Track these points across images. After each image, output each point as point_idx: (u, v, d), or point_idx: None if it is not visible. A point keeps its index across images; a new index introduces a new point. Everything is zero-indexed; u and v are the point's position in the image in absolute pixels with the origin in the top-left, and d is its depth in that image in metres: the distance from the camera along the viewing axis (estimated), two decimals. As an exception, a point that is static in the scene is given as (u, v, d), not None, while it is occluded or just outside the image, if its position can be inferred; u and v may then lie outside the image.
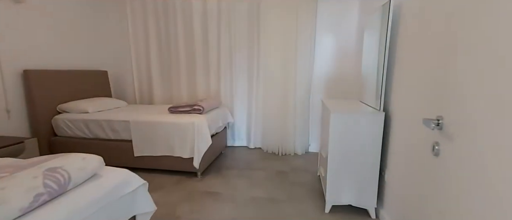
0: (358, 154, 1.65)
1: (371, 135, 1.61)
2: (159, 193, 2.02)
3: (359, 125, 1.61)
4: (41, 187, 0.81)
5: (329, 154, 1.68)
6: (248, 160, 2.80)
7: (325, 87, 2.98)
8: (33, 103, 2.34)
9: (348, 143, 1.64)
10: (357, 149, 1.65)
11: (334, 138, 1.65)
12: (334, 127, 1.64)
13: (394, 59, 1.57)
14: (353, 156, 1.66)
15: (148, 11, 3.13)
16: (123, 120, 2.33)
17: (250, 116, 3.22)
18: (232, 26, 3.02)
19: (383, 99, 1.59)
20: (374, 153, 1.63)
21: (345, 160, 1.67)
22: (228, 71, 3.16)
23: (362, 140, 1.63)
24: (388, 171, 1.62)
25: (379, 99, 1.60)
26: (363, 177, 1.68)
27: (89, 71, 2.96)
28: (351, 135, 1.63)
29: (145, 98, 3.41)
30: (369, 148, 1.63)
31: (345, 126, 1.63)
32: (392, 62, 1.60)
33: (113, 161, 2.39)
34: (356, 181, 1.69)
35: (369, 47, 1.93)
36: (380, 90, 1.59)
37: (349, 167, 1.68)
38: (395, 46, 1.56)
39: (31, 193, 0.77)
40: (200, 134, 2.23)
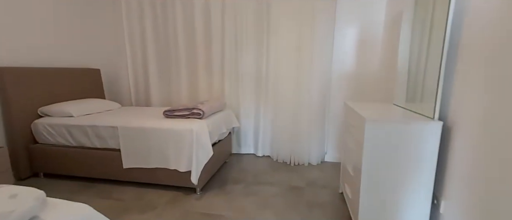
0: (403, 175, 1.26)
1: (421, 151, 1.22)
2: (150, 215, 1.67)
3: (405, 138, 1.22)
4: None
5: (363, 172, 1.29)
6: (256, 172, 2.42)
7: (345, 87, 2.57)
8: (8, 105, 2.03)
9: (388, 159, 1.25)
10: (401, 168, 1.25)
11: (369, 152, 1.26)
12: (370, 139, 1.25)
13: (457, 51, 1.17)
14: (395, 177, 1.27)
15: (145, 6, 2.80)
16: (110, 126, 1.99)
17: (258, 120, 2.85)
18: (238, 20, 2.66)
19: (438, 103, 1.19)
20: (425, 175, 1.24)
21: (383, 181, 1.28)
22: (233, 69, 2.79)
23: (408, 156, 1.23)
24: (445, 200, 1.22)
25: (434, 103, 1.20)
26: (408, 204, 1.28)
27: (78, 69, 2.64)
28: (393, 150, 1.24)
29: (142, 100, 3.08)
30: (419, 168, 1.23)
31: (385, 137, 1.23)
32: (453, 55, 1.19)
33: (98, 174, 2.06)
34: (398, 208, 1.30)
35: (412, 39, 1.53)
36: (435, 92, 1.19)
37: (389, 190, 1.29)
38: (460, 33, 1.16)
39: None
40: (200, 143, 1.87)
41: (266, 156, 2.87)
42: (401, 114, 1.41)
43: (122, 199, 1.86)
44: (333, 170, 2.47)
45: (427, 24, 1.36)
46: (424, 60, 1.39)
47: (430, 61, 1.29)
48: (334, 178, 2.29)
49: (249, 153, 2.95)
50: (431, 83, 1.25)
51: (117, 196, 1.91)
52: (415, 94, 1.52)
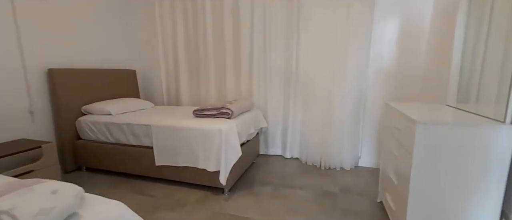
0: (462, 186, 1.08)
1: (489, 159, 1.03)
2: (179, 213, 1.68)
3: (467, 143, 1.04)
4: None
5: (412, 181, 1.13)
6: (285, 174, 2.33)
7: (384, 86, 2.36)
8: (57, 104, 2.22)
9: (444, 168, 1.08)
10: (461, 178, 1.07)
11: (420, 159, 1.10)
12: (421, 144, 1.09)
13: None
14: (452, 188, 1.09)
15: (177, 6, 2.88)
16: (144, 124, 2.07)
17: (286, 121, 2.75)
18: (267, 17, 2.59)
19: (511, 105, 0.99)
20: (492, 187, 1.04)
21: (437, 193, 1.11)
22: (261, 69, 2.74)
23: (471, 165, 1.05)
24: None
25: (506, 105, 1.00)
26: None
27: (116, 70, 2.81)
28: (451, 157, 1.06)
29: (173, 99, 3.18)
30: (484, 179, 1.04)
31: (442, 143, 1.06)
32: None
33: (133, 170, 2.16)
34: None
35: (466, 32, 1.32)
36: (508, 93, 0.99)
37: (444, 203, 1.11)
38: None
39: None
40: (228, 143, 1.84)
41: (295, 158, 2.77)
42: (458, 116, 1.22)
43: (154, 196, 1.92)
44: (369, 176, 2.28)
45: (486, 16, 1.15)
46: (481, 55, 1.19)
47: (489, 57, 1.09)
48: (371, 185, 2.11)
49: (277, 155, 2.87)
50: (491, 81, 1.06)
51: (150, 192, 1.98)
52: (469, 93, 1.33)
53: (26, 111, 2.06)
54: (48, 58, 2.19)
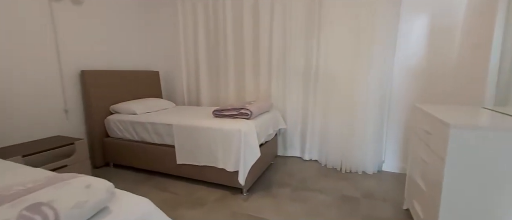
0: (505, 196, 0.98)
1: (534, 171, 0.93)
2: (199, 212, 1.72)
3: (505, 150, 0.95)
4: (2, 244, 0.51)
5: (444, 189, 1.06)
6: (303, 177, 2.29)
7: (411, 86, 2.23)
8: (89, 103, 2.38)
9: (482, 175, 1.00)
10: (497, 188, 0.98)
11: (454, 165, 1.03)
12: (456, 149, 1.01)
13: None
14: (492, 198, 1.00)
15: (198, 9, 2.95)
16: (166, 124, 2.14)
17: (306, 122, 2.71)
18: (287, 19, 2.57)
19: None
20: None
21: (474, 202, 1.03)
22: (280, 69, 2.72)
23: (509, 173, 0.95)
24: None
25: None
26: (510, 238, 0.99)
27: (141, 72, 2.95)
28: (491, 164, 0.98)
29: (193, 99, 3.27)
30: (529, 192, 0.94)
31: (480, 148, 0.98)
32: None
33: (156, 167, 2.24)
34: (495, 242, 1.02)
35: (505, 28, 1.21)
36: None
37: (481, 214, 1.02)
38: None
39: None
40: (248, 144, 1.85)
41: (314, 160, 2.71)
42: (497, 119, 1.11)
43: (176, 193, 1.98)
44: (394, 182, 2.17)
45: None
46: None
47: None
48: (396, 191, 2.00)
49: (295, 156, 2.83)
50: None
51: (171, 189, 2.04)
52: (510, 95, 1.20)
53: (61, 110, 2.23)
54: (80, 60, 2.35)
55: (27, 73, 1.97)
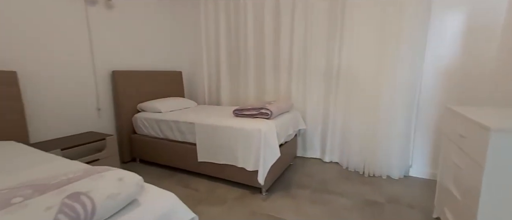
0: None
1: None
2: (219, 209, 1.76)
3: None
4: (48, 228, 0.57)
5: (483, 198, 0.98)
6: (324, 179, 2.24)
7: (443, 87, 2.09)
8: (118, 102, 2.53)
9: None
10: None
11: (494, 173, 0.94)
12: (495, 155, 0.93)
13: None
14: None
15: (220, 11, 3.01)
16: (189, 122, 2.21)
17: (326, 123, 2.65)
18: (309, 19, 2.53)
19: None
20: None
21: (518, 219, 0.93)
22: (301, 70, 2.69)
23: None
24: None
25: None
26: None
27: (166, 72, 3.08)
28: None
29: (214, 99, 3.34)
30: None
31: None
32: None
33: (179, 164, 2.32)
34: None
35: None
36: None
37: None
38: None
39: (30, 239, 0.53)
40: (267, 144, 1.85)
41: (334, 162, 2.64)
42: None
43: (197, 190, 2.04)
44: (423, 188, 2.04)
45: None
46: None
47: None
48: (424, 198, 1.88)
49: (315, 158, 2.77)
50: None
51: (193, 186, 2.11)
52: None
53: (94, 108, 2.40)
54: (111, 61, 2.51)
55: (65, 74, 2.14)
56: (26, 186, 0.70)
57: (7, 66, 1.77)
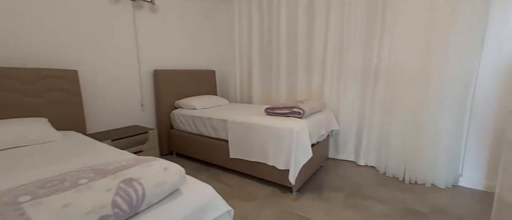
0: None
1: None
2: (250, 205, 1.79)
3: None
4: (108, 207, 0.65)
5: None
6: (358, 183, 2.13)
7: (504, 87, 1.83)
8: (159, 98, 2.73)
9: None
10: None
11: None
12: None
13: None
14: None
15: (253, 10, 3.05)
16: (222, 119, 2.29)
17: (362, 124, 2.51)
18: (346, 16, 2.43)
19: None
20: None
21: None
22: (335, 68, 2.59)
23: None
24: None
25: None
26: None
27: (200, 71, 3.23)
28: None
29: (245, 97, 3.40)
30: None
31: None
32: None
33: (212, 159, 2.42)
34: None
35: None
36: None
37: None
38: None
39: (95, 216, 0.62)
40: (299, 143, 1.83)
41: (370, 166, 2.50)
42: None
43: (229, 185, 2.10)
44: (475, 201, 1.82)
45: None
46: None
47: None
48: (478, 212, 1.68)
49: (348, 160, 2.65)
50: None
51: (225, 181, 2.18)
52: None
53: (138, 104, 2.63)
54: (153, 60, 2.72)
55: (115, 72, 2.38)
56: (89, 169, 0.80)
57: (70, 66, 2.03)
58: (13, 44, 1.74)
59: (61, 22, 1.97)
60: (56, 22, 1.94)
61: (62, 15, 1.97)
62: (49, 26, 1.91)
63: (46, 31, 1.89)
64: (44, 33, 1.88)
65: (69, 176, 0.75)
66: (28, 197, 0.62)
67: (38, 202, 0.60)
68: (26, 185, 0.68)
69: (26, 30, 1.79)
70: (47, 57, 1.91)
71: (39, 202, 0.61)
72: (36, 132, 1.48)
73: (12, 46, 1.74)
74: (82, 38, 2.11)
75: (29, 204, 0.60)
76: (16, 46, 1.75)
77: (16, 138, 1.40)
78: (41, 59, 1.88)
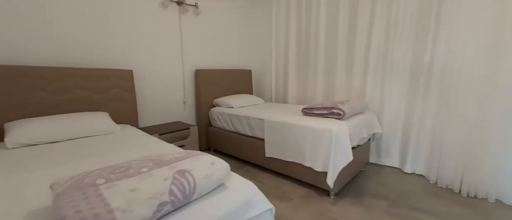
0: None
1: None
2: (285, 205, 1.79)
3: None
4: (166, 194, 0.72)
5: None
6: (404, 191, 1.97)
7: None
8: (199, 96, 2.89)
9: None
10: None
11: None
12: None
13: None
14: None
15: (291, 8, 3.02)
16: (258, 118, 2.32)
17: (409, 127, 2.31)
18: (394, 11, 2.25)
19: None
20: None
21: None
22: (379, 67, 2.43)
23: None
24: None
25: None
26: None
27: (237, 70, 3.32)
28: None
29: (280, 97, 3.39)
30: None
31: None
32: None
33: (247, 157, 2.47)
34: None
35: None
36: None
37: None
38: None
39: (156, 201, 0.69)
40: (339, 145, 1.76)
41: (418, 174, 2.28)
42: None
43: (264, 183, 2.13)
44: (556, 224, 1.53)
45: None
46: None
47: None
48: (560, 237, 1.41)
49: (392, 166, 2.46)
50: None
51: (260, 179, 2.21)
52: None
53: (181, 101, 2.82)
54: (195, 60, 2.89)
55: (162, 72, 2.60)
56: (148, 159, 0.89)
57: (125, 66, 2.28)
58: (80, 47, 2.01)
59: (120, 27, 2.22)
60: (116, 28, 2.19)
61: (121, 21, 2.22)
62: (110, 31, 2.16)
63: (107, 36, 2.15)
64: (106, 37, 2.14)
65: (132, 164, 0.84)
66: (103, 180, 0.72)
67: (111, 185, 0.70)
68: (100, 170, 0.79)
69: (92, 35, 2.06)
70: (107, 59, 2.17)
71: (112, 185, 0.70)
72: (100, 124, 1.71)
73: (80, 49, 2.01)
74: (136, 40, 2.35)
75: (104, 186, 0.69)
76: (83, 49, 2.03)
77: (84, 128, 1.63)
78: (103, 60, 2.14)
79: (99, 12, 2.07)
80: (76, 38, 1.97)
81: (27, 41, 1.74)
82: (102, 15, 2.09)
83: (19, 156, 1.24)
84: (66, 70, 1.83)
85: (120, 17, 2.21)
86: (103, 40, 2.12)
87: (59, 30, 1.88)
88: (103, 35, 2.12)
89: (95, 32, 2.07)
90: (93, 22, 2.05)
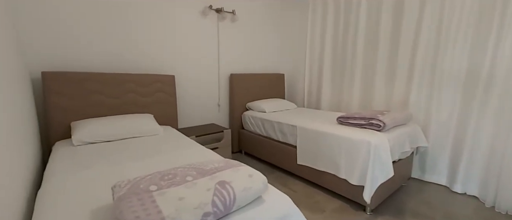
0: None
1: None
2: (318, 217, 1.75)
3: None
4: (209, 205, 0.76)
5: None
6: (453, 213, 1.77)
7: None
8: (233, 100, 2.97)
9: None
10: None
11: None
12: None
13: None
14: None
15: (329, 12, 2.94)
16: (291, 124, 2.30)
17: (461, 142, 2.08)
18: (447, 12, 2.04)
19: None
20: None
21: None
22: (427, 74, 2.23)
23: None
24: None
25: None
26: None
27: (270, 74, 3.33)
28: None
29: (313, 102, 3.32)
30: None
31: None
32: None
33: (278, 163, 2.47)
34: None
35: None
36: None
37: None
38: None
39: (200, 211, 0.73)
40: (378, 159, 1.66)
41: (470, 195, 2.04)
42: None
43: (295, 191, 2.11)
44: None
45: None
46: None
47: None
48: None
49: (438, 184, 2.24)
50: None
51: (291, 186, 2.19)
52: None
53: (216, 104, 2.94)
54: (230, 65, 2.98)
55: (200, 76, 2.74)
56: (191, 168, 0.95)
57: (169, 72, 2.46)
58: (132, 55, 2.22)
59: (165, 37, 2.40)
60: (161, 37, 2.38)
61: (166, 31, 2.40)
62: (156, 40, 2.35)
63: (152, 44, 2.33)
64: (151, 45, 2.33)
65: (178, 171, 0.91)
66: (155, 187, 0.79)
67: (163, 192, 0.77)
68: (152, 175, 0.87)
69: (141, 44, 2.26)
70: (153, 65, 2.36)
71: (163, 192, 0.77)
72: (147, 126, 1.87)
73: (132, 57, 2.22)
74: (178, 48, 2.51)
75: (157, 193, 0.76)
76: (134, 57, 2.24)
77: (134, 129, 1.81)
78: (150, 67, 2.34)
79: (148, 23, 2.27)
80: (127, 47, 2.19)
81: (88, 51, 1.99)
82: (150, 25, 2.29)
83: (83, 154, 1.43)
84: (121, 76, 2.04)
85: (165, 27, 2.39)
86: (149, 48, 2.32)
87: (114, 41, 2.11)
88: (149, 44, 2.31)
89: (143, 41, 2.27)
90: (142, 32, 2.25)
